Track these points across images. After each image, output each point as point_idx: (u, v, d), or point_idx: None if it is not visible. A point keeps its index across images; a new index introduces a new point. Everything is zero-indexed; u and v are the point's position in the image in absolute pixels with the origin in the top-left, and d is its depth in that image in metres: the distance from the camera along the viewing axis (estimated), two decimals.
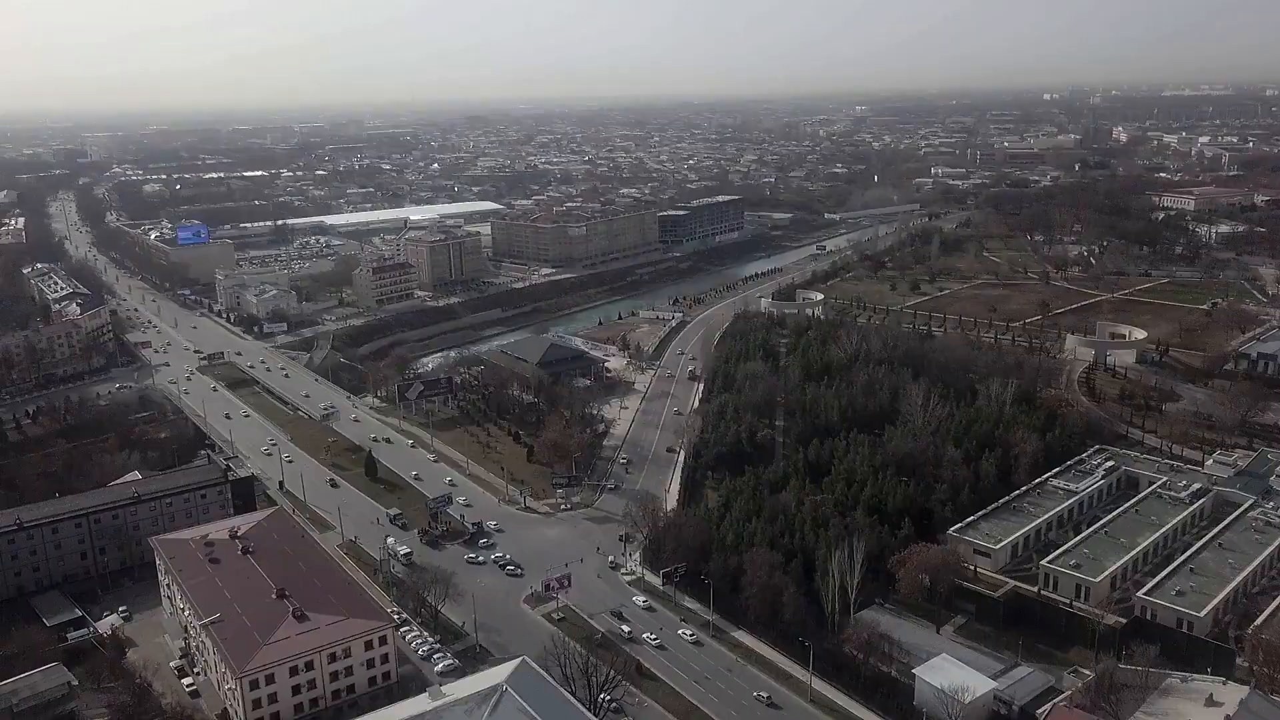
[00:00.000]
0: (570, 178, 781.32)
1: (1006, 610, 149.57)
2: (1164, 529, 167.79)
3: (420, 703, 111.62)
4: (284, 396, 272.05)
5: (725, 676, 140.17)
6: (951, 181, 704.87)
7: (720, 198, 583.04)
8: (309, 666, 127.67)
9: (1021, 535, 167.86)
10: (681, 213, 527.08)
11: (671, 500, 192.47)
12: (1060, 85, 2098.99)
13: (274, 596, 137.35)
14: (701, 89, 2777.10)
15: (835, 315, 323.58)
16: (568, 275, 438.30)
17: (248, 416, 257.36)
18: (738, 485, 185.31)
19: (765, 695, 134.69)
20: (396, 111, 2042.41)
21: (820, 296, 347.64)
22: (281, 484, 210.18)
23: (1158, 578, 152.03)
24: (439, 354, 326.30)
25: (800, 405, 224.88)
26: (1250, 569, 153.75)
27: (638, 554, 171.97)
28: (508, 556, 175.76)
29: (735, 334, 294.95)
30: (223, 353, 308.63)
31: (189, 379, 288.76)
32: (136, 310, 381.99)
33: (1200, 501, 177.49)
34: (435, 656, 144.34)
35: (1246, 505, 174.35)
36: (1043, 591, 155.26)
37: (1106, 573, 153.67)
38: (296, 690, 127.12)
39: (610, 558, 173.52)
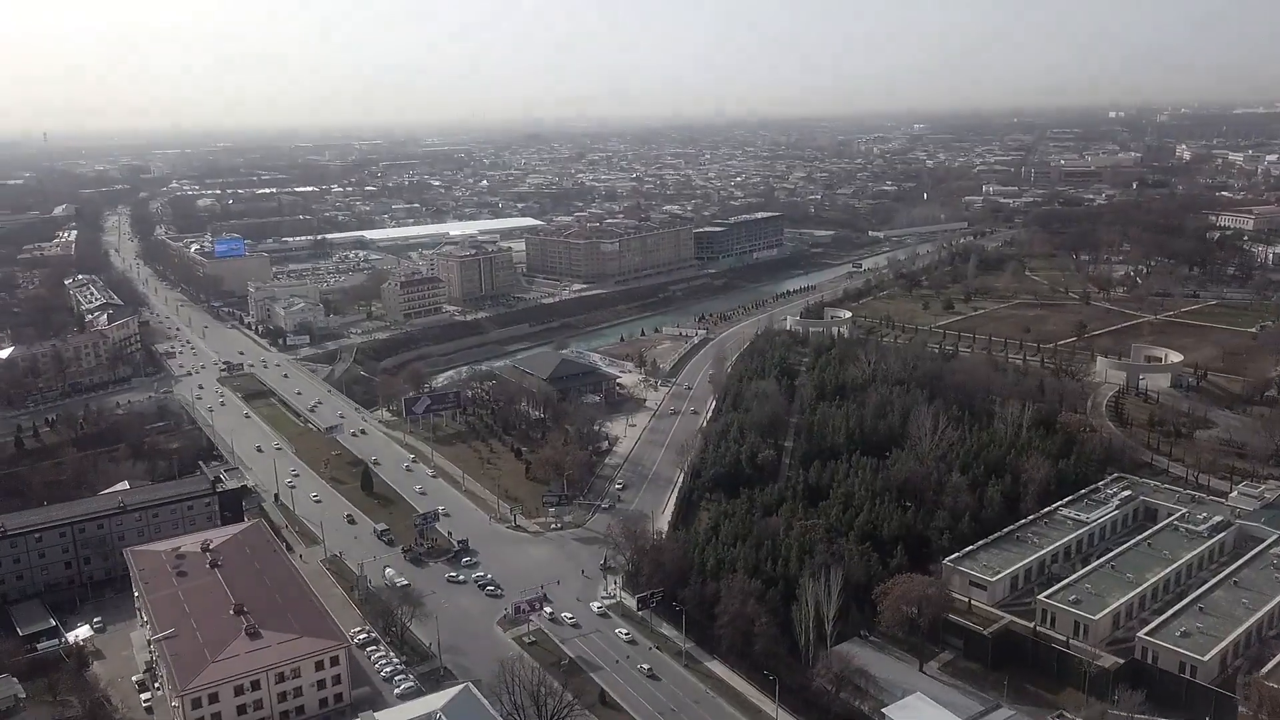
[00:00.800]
0: (615, 194, 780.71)
1: (996, 647, 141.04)
2: (1176, 564, 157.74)
3: None
4: (296, 409, 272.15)
5: (691, 709, 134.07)
6: (1002, 200, 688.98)
7: (759, 214, 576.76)
8: (255, 686, 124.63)
9: (1022, 567, 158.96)
10: (718, 229, 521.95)
11: (664, 522, 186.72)
12: (1129, 104, 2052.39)
13: (231, 612, 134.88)
14: (759, 108, 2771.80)
15: (862, 334, 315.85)
16: (598, 291, 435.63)
17: (248, 429, 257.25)
18: (729, 508, 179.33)
19: None
20: (456, 130, 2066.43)
21: (848, 315, 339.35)
22: (276, 497, 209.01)
23: (1163, 617, 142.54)
24: (462, 368, 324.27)
25: (808, 426, 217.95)
26: (1266, 610, 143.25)
27: (619, 578, 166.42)
28: (488, 576, 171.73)
29: (754, 352, 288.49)
30: (241, 364, 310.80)
31: (202, 390, 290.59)
32: (169, 321, 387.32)
33: (1220, 536, 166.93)
34: (397, 678, 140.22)
35: (1270, 541, 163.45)
36: (1039, 628, 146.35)
37: (1108, 610, 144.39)
38: (242, 710, 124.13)
39: (593, 581, 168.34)
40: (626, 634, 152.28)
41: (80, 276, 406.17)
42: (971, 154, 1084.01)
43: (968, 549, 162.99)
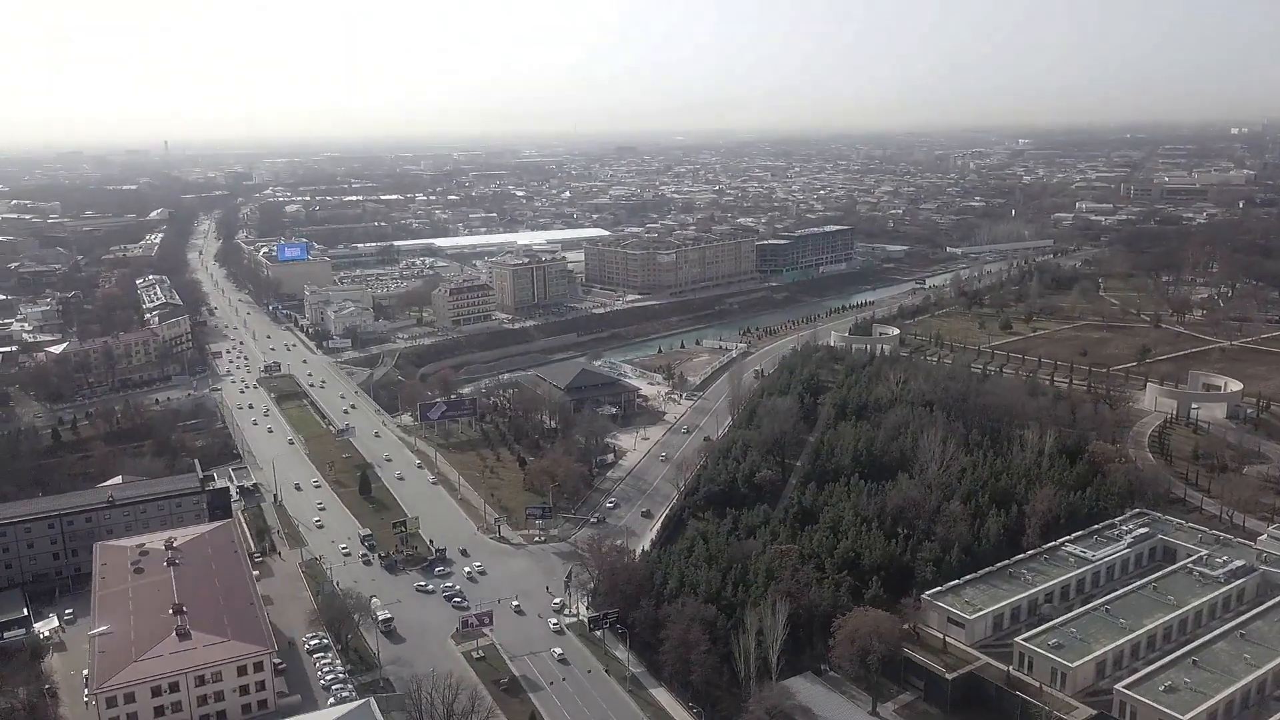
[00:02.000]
0: (691, 206, 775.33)
1: (957, 691, 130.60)
2: (1180, 611, 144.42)
3: None
4: (324, 411, 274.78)
5: None
6: (1094, 217, 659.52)
7: (829, 227, 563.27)
8: (175, 688, 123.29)
9: (1008, 605, 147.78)
10: (782, 242, 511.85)
11: (649, 540, 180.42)
12: (1253, 119, 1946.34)
13: (170, 612, 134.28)
14: (862, 121, 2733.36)
15: (908, 352, 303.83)
16: (652, 302, 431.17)
17: (270, 429, 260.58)
18: (710, 528, 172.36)
19: None
20: (553, 143, 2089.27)
21: (895, 332, 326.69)
22: (275, 496, 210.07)
23: (1150, 668, 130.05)
24: (501, 375, 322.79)
25: (816, 446, 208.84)
26: (1269, 668, 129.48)
27: (587, 596, 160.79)
28: (457, 587, 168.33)
29: (785, 368, 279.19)
30: (280, 365, 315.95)
31: (241, 390, 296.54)
32: (228, 322, 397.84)
33: (1239, 582, 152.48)
34: (335, 687, 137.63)
35: None
36: (1015, 672, 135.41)
37: (1090, 657, 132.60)
38: (160, 711, 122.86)
39: (557, 598, 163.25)
40: (560, 654, 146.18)
41: (151, 277, 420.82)
42: (1073, 170, 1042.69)
43: (952, 583, 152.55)
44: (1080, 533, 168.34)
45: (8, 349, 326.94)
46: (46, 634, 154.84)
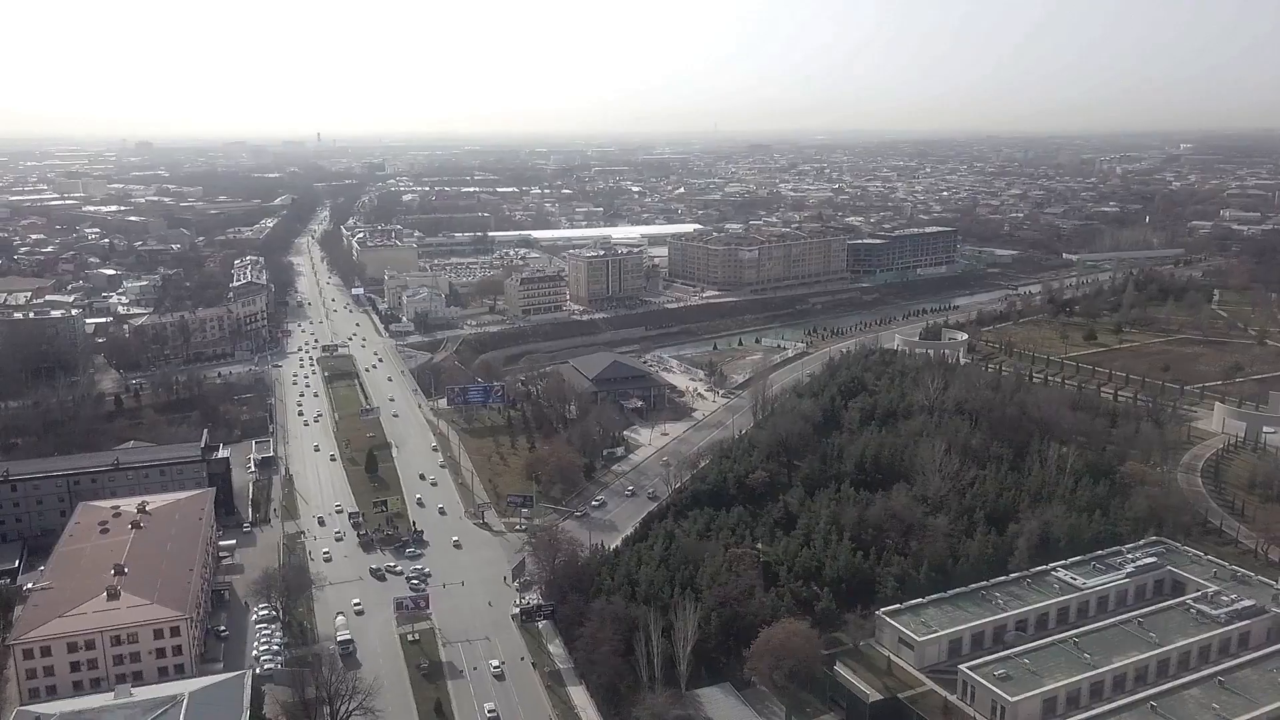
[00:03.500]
0: (803, 204, 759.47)
1: (877, 717, 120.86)
2: (1161, 650, 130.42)
3: (102, 698, 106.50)
4: (368, 391, 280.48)
5: None
6: (1237, 227, 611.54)
7: (931, 228, 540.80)
8: (90, 645, 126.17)
9: (968, 629, 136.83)
10: (876, 242, 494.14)
11: (621, 538, 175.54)
12: None
13: (111, 572, 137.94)
14: (1014, 125, 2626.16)
15: (979, 359, 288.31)
16: (729, 299, 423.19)
17: (312, 406, 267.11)
18: (679, 527, 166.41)
19: None
20: (692, 141, 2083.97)
21: (963, 338, 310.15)
22: (285, 469, 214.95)
23: (1096, 711, 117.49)
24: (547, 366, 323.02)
25: (825, 450, 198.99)
26: None
27: (539, 586, 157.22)
28: (426, 570, 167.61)
29: (831, 369, 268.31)
30: (337, 345, 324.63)
31: (299, 367, 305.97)
32: (311, 303, 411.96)
33: (1243, 624, 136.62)
34: (264, 659, 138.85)
35: None
36: (957, 701, 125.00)
37: (1035, 692, 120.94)
38: (76, 667, 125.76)
39: (516, 586, 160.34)
40: (492, 644, 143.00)
41: (249, 257, 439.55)
42: (1229, 177, 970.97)
43: (914, 602, 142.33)
44: (1077, 558, 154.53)
45: (102, 320, 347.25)
46: (30, 586, 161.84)
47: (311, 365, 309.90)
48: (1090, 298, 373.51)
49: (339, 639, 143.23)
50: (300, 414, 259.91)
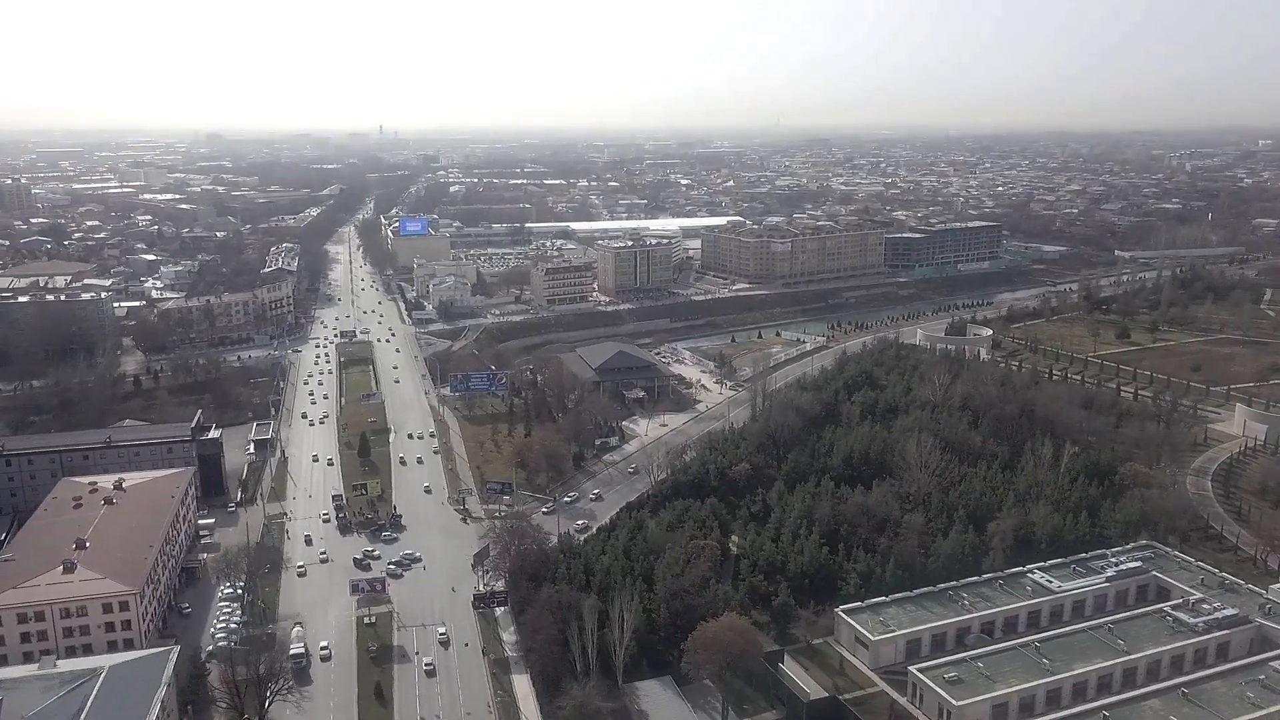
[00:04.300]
0: (851, 198, 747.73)
1: (814, 717, 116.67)
2: (1127, 658, 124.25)
3: (25, 669, 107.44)
4: (379, 377, 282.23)
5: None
6: None
7: (974, 223, 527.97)
8: (40, 617, 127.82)
9: (928, 630, 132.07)
10: (915, 236, 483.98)
11: (596, 527, 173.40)
12: None
13: (73, 546, 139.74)
14: (1086, 117, 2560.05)
15: (1000, 356, 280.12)
16: (760, 291, 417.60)
17: (327, 387, 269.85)
18: (649, 518, 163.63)
19: None
20: (754, 136, 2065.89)
21: (988, 333, 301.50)
22: (282, 451, 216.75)
23: (1049, 718, 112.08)
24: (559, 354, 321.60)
25: (814, 444, 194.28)
26: None
27: (503, 574, 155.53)
28: (406, 553, 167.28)
29: (841, 362, 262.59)
30: (356, 332, 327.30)
31: (317, 352, 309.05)
32: (341, 289, 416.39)
33: (1222, 633, 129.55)
34: (218, 636, 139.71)
35: None
36: (907, 704, 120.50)
37: (984, 696, 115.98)
38: (26, 638, 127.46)
39: (479, 573, 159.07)
40: (444, 629, 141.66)
41: (284, 245, 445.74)
42: None
43: (875, 600, 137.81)
44: (1057, 561, 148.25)
45: (135, 303, 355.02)
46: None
47: (329, 351, 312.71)
48: (1129, 295, 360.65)
49: (293, 652, 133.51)
50: (310, 397, 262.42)
